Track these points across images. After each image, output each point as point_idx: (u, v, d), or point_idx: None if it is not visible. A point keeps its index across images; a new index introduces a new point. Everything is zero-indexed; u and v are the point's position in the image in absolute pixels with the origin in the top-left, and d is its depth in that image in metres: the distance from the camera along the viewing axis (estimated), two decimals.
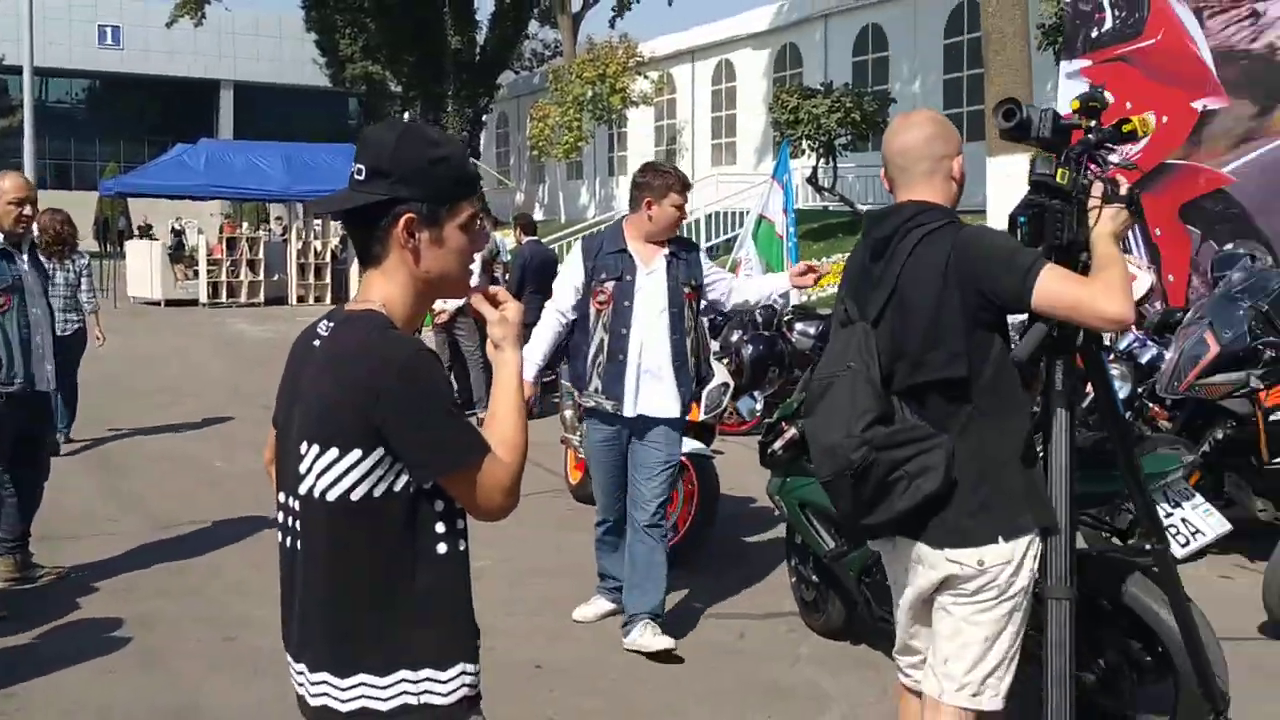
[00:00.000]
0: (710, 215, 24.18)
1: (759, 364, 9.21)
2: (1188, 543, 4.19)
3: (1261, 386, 5.50)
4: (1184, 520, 4.21)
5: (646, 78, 30.16)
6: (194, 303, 23.69)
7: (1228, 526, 4.31)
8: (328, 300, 24.73)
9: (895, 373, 2.88)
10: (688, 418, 5.46)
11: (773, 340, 9.44)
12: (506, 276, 11.44)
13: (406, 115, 41.85)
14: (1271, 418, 5.45)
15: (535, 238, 11.50)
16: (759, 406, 9.29)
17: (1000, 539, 2.80)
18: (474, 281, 6.21)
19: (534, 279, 10.28)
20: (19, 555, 5.58)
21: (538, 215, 28.90)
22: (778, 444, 4.41)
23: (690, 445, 6.23)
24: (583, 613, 5.19)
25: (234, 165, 24.50)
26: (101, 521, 6.88)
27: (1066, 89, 9.00)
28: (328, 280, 25.34)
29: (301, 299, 24.66)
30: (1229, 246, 7.00)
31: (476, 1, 34.98)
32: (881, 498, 2.83)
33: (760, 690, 4.53)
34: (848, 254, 6.40)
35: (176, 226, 33.90)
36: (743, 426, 9.18)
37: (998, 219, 15.45)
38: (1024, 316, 2.88)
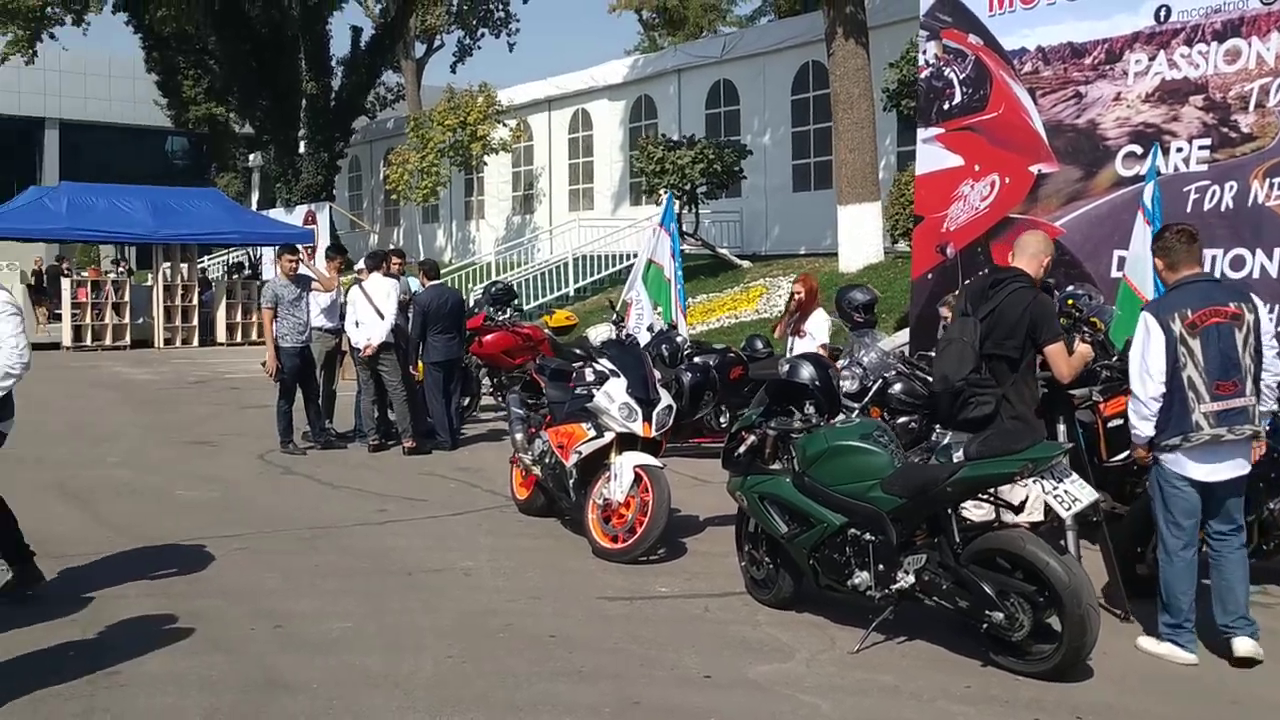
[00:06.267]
0: (577, 259, 24.64)
1: (696, 390, 10.38)
2: (1069, 507, 5.23)
3: (1101, 400, 6.96)
4: (1065, 491, 5.20)
5: (505, 125, 30.34)
6: (56, 346, 23.49)
7: (1096, 495, 5.33)
8: (195, 342, 24.77)
9: (982, 347, 5.86)
10: (641, 434, 7.27)
11: (708, 369, 10.63)
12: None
13: (255, 158, 40.08)
14: (1109, 425, 6.92)
15: (438, 281, 12.03)
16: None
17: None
18: (390, 320, 9.47)
19: (443, 320, 11.26)
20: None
21: None
22: (740, 449, 6.12)
23: (643, 458, 7.26)
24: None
25: (96, 208, 24.35)
26: (100, 542, 7.43)
27: (923, 152, 10.53)
28: (194, 323, 25.13)
29: (169, 341, 24.49)
30: (1070, 288, 8.19)
31: (331, 48, 34.89)
32: (961, 410, 5.85)
33: (734, 645, 5.58)
34: (711, 294, 19.72)
35: (39, 268, 31.79)
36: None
37: (846, 261, 19.22)
38: None
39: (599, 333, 11.19)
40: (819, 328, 9.53)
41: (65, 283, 24.76)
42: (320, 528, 7.94)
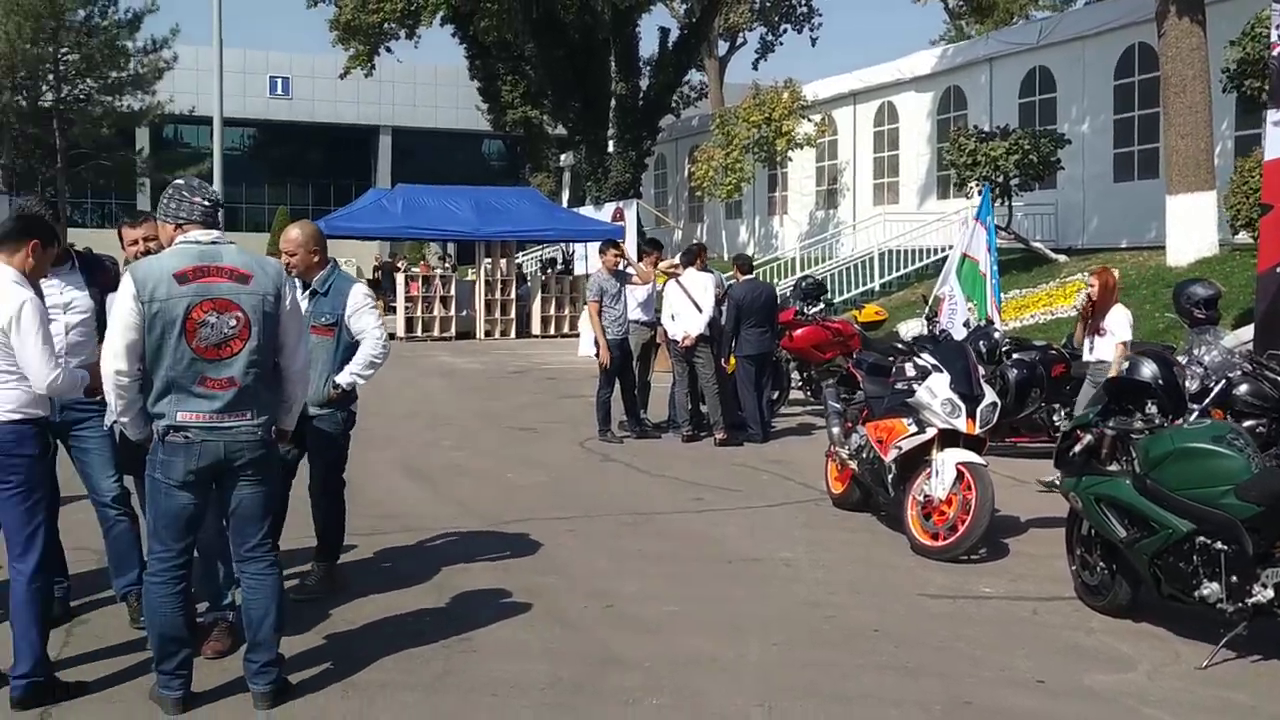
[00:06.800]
0: (882, 254, 24.20)
1: (1023, 387, 9.87)
2: None
3: None
4: None
5: (809, 120, 29.93)
6: (391, 336, 22.76)
7: None
8: (512, 334, 25.96)
9: None
10: (964, 431, 7.12)
11: (1034, 365, 10.13)
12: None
13: (566, 158, 39.11)
14: None
15: (751, 276, 12.23)
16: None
17: None
18: (708, 313, 9.95)
19: (756, 314, 11.44)
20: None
21: None
22: (1075, 449, 5.90)
23: (966, 455, 7.07)
24: None
25: (428, 208, 25.88)
26: (444, 518, 7.95)
27: (1274, 136, 9.17)
28: (512, 316, 26.24)
29: (489, 333, 25.83)
30: None
31: (639, 49, 35.00)
32: None
33: (1067, 651, 5.33)
34: (1025, 289, 19.18)
35: (379, 265, 34.84)
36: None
37: (1176, 254, 18.15)
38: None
39: (910, 328, 11.03)
40: (1119, 324, 8.98)
41: (399, 277, 26.81)
42: (640, 514, 8.22)
